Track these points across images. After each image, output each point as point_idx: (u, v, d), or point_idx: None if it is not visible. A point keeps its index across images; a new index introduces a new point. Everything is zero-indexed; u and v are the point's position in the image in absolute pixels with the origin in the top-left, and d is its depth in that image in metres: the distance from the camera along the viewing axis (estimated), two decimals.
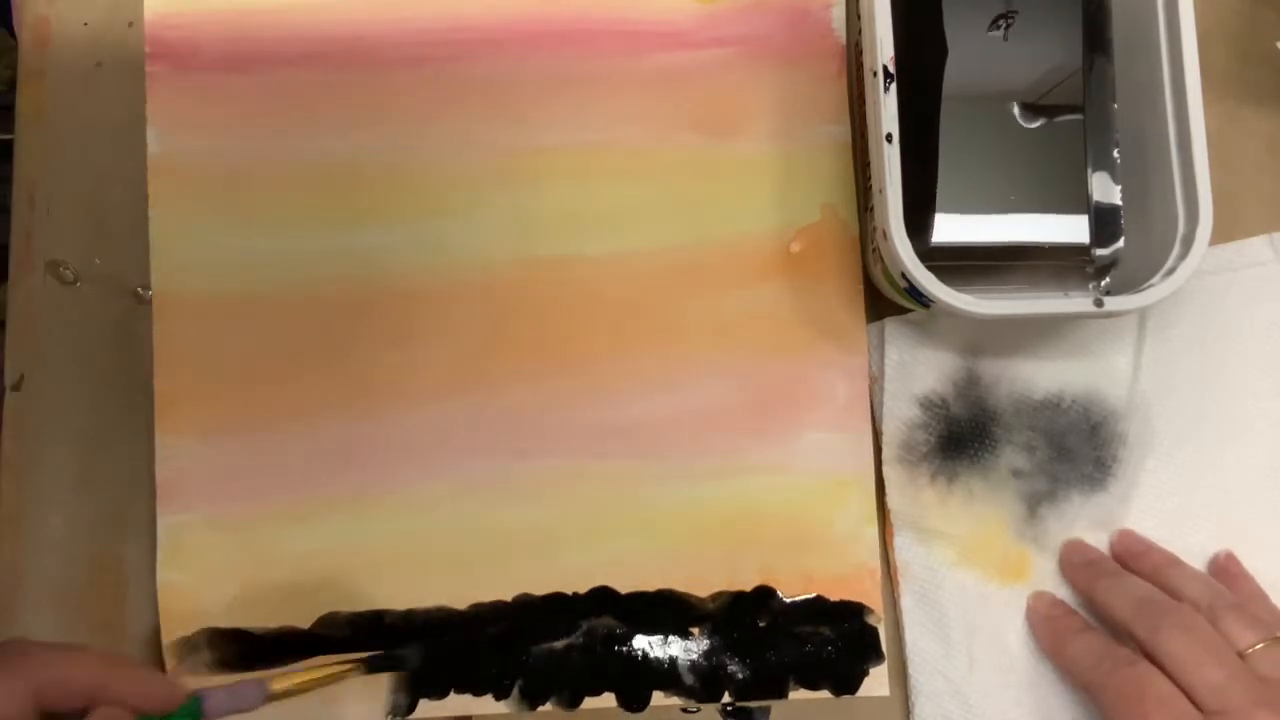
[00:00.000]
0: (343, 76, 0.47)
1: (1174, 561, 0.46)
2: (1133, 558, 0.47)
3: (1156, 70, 0.44)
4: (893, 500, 0.47)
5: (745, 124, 0.48)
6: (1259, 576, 0.47)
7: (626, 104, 0.47)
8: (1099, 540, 0.47)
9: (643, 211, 0.47)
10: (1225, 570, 0.47)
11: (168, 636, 0.45)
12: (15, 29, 0.47)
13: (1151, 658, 0.42)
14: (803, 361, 0.47)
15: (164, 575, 0.45)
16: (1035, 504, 0.47)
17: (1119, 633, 0.44)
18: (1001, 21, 0.46)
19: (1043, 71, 0.46)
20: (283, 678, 0.40)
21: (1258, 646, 0.42)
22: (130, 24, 0.47)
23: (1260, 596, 0.46)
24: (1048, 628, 0.46)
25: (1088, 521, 0.47)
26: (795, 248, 0.48)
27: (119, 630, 0.45)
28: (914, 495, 0.47)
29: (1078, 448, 0.48)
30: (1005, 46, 0.46)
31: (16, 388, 0.46)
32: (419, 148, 0.47)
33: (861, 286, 0.48)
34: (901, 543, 0.47)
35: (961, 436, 0.47)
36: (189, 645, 0.45)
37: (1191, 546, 0.47)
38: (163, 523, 0.45)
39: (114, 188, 0.46)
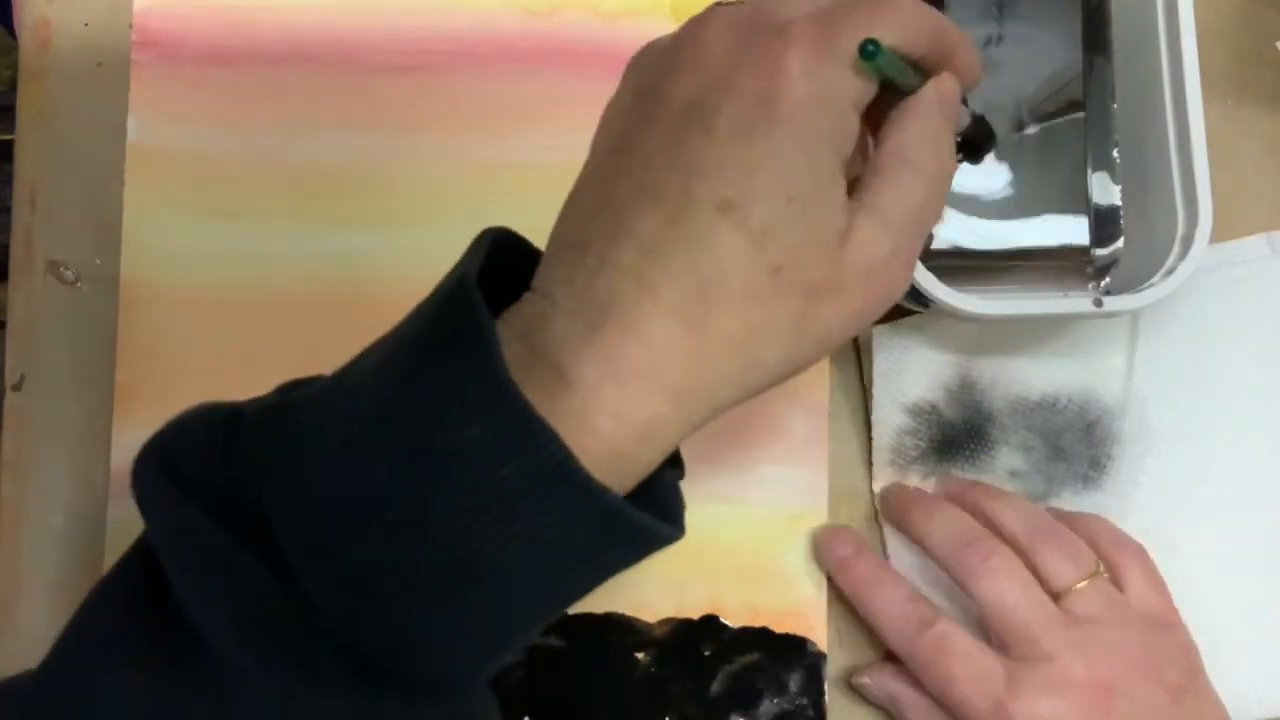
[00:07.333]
0: (328, 79, 0.47)
1: (992, 493, 0.46)
2: (955, 498, 0.46)
3: (1156, 70, 0.44)
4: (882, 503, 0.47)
5: None
6: (1260, 575, 0.47)
7: None
8: None
9: None
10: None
11: None
12: (15, 29, 0.47)
13: (969, 597, 0.43)
14: (763, 394, 0.47)
15: (111, 564, 0.45)
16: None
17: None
18: (1001, 21, 0.46)
19: (1042, 72, 0.46)
20: None
21: (1078, 586, 0.42)
22: (131, 25, 0.47)
23: (1082, 519, 0.46)
24: (844, 576, 0.45)
25: None
26: None
27: None
28: None
29: (1073, 447, 0.48)
30: (1005, 46, 0.46)
31: (17, 388, 0.46)
32: (399, 155, 0.47)
33: None
34: (894, 547, 0.47)
35: (956, 439, 0.47)
36: None
37: (1195, 544, 0.47)
38: (113, 513, 0.45)
39: (114, 188, 0.46)
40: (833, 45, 0.30)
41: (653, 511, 0.29)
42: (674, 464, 0.32)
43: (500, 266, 0.31)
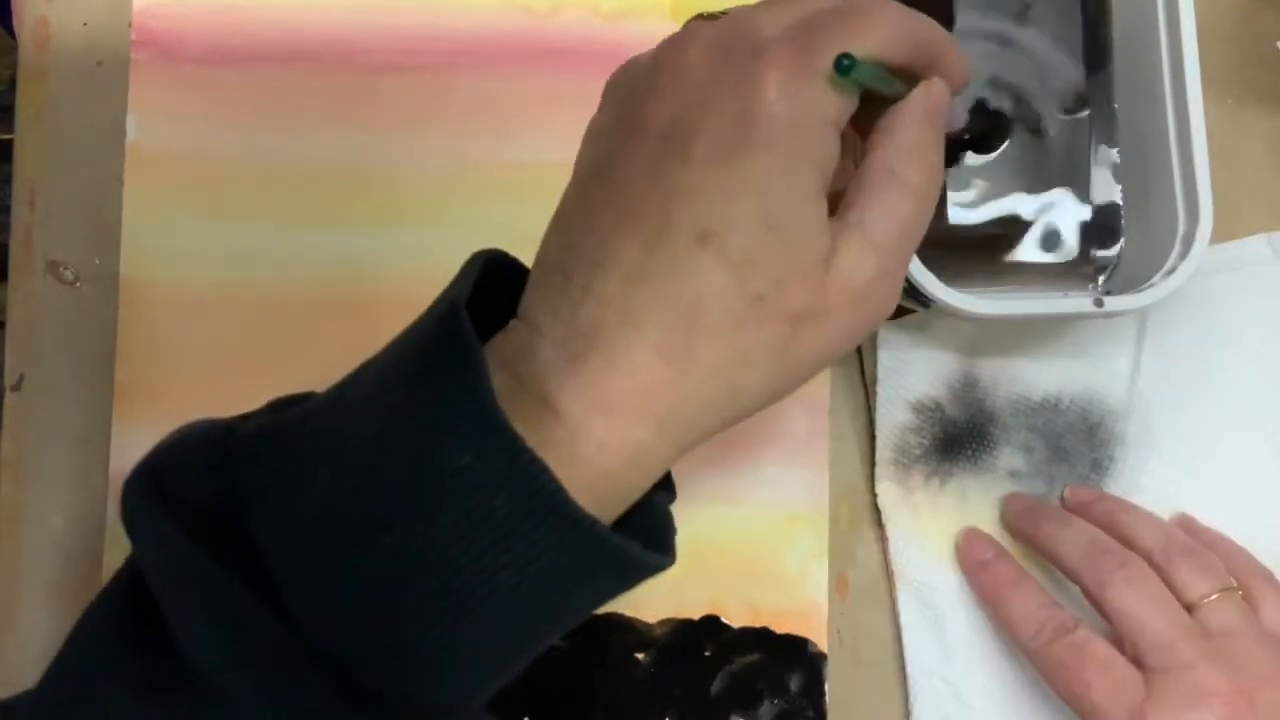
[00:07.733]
0: (329, 79, 0.47)
1: (1125, 507, 0.46)
2: (1083, 507, 0.46)
3: (1156, 70, 0.44)
4: (884, 503, 0.47)
5: None
6: None
7: None
8: None
9: None
10: (1185, 528, 0.47)
11: None
12: (15, 29, 0.47)
13: (1098, 608, 0.42)
14: None
15: (110, 564, 0.44)
16: None
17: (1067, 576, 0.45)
18: (1002, 21, 0.46)
19: (1043, 72, 0.46)
20: None
21: (1211, 598, 0.42)
22: (130, 24, 0.47)
23: (1217, 542, 0.46)
24: (984, 577, 0.45)
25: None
26: None
27: None
28: (904, 497, 0.47)
29: (1075, 449, 0.48)
30: (1005, 47, 0.46)
31: (16, 388, 0.46)
32: (400, 154, 0.47)
33: None
34: (895, 546, 0.47)
35: (958, 438, 0.47)
36: None
37: None
38: (113, 513, 0.44)
39: (114, 188, 0.46)
40: (809, 64, 0.29)
41: (643, 536, 0.29)
42: (664, 486, 0.32)
43: (491, 284, 0.31)
